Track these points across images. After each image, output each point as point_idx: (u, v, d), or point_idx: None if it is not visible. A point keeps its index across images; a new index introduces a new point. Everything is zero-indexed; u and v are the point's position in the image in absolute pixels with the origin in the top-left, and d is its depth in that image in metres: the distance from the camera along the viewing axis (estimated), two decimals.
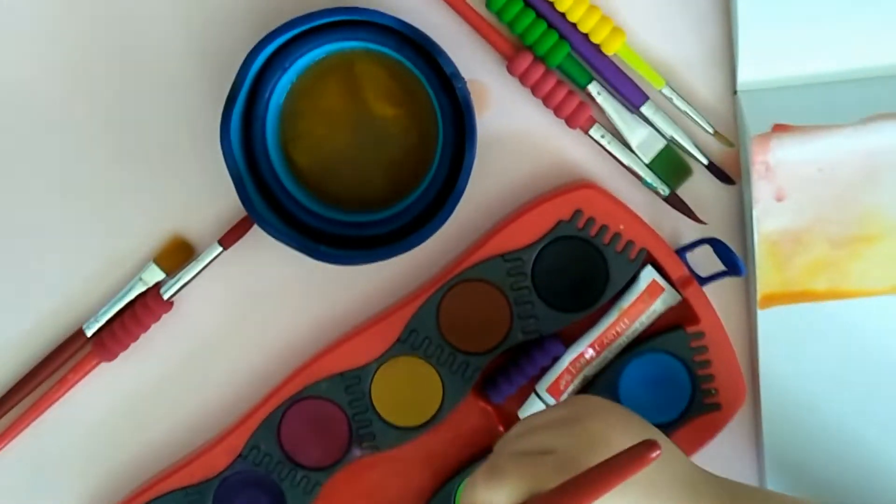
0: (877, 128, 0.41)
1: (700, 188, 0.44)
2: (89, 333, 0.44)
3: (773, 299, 0.43)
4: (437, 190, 0.42)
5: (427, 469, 0.45)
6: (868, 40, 0.42)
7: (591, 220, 0.43)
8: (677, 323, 0.43)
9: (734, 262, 0.42)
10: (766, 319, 0.43)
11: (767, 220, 0.42)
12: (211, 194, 0.44)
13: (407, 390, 0.43)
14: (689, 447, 0.43)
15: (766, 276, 0.43)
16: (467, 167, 0.41)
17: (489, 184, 0.44)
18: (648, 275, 0.43)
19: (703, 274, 0.44)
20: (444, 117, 0.42)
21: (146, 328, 0.44)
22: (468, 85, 0.42)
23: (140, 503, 0.44)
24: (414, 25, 0.40)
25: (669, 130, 0.43)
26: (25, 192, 0.45)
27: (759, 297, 0.43)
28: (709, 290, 0.44)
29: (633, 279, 0.43)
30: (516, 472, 0.35)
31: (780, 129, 0.41)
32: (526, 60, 0.43)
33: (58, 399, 0.45)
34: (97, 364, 0.45)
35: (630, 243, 0.43)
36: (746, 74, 0.42)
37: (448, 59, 0.40)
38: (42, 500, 0.46)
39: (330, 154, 0.43)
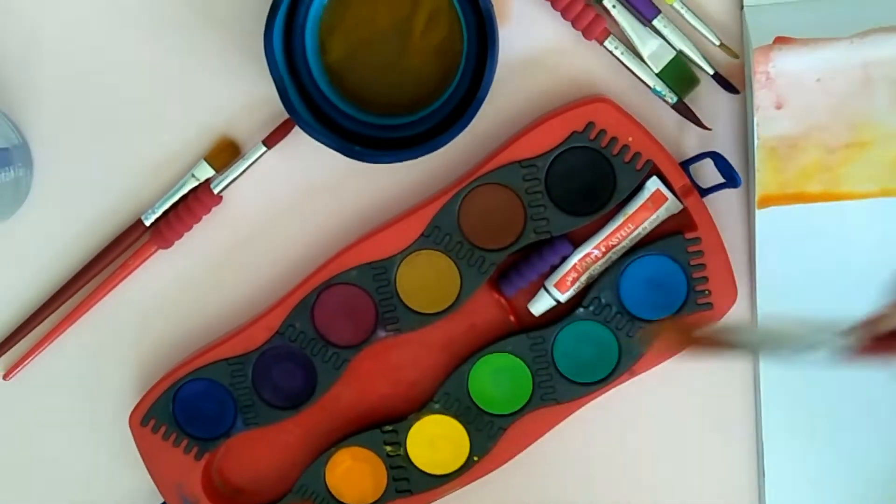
0: (872, 41, 0.43)
1: (707, 97, 0.47)
2: (147, 223, 0.49)
3: (771, 200, 0.46)
4: (461, 97, 0.46)
5: (444, 353, 0.49)
6: None
7: (602, 133, 0.46)
8: (678, 229, 0.47)
9: (731, 174, 0.46)
10: (764, 220, 0.46)
11: (767, 127, 0.45)
12: (257, 98, 0.48)
13: (428, 280, 0.48)
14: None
15: (765, 179, 0.46)
16: (489, 76, 0.44)
17: (510, 94, 0.48)
18: (653, 184, 0.47)
19: (707, 184, 0.47)
20: (468, 28, 0.45)
21: (198, 219, 0.49)
22: None
23: (189, 370, 0.49)
24: None
25: (678, 42, 0.46)
26: (88, 95, 0.49)
27: (757, 197, 0.46)
28: (715, 198, 0.47)
29: (639, 188, 0.47)
30: None
31: (781, 41, 0.44)
32: None
33: (119, 282, 0.50)
34: (155, 251, 0.50)
35: (637, 155, 0.46)
36: None
37: None
38: (102, 374, 0.52)
39: (364, 62, 0.47)
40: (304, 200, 0.49)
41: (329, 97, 0.47)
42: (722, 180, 0.46)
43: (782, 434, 0.49)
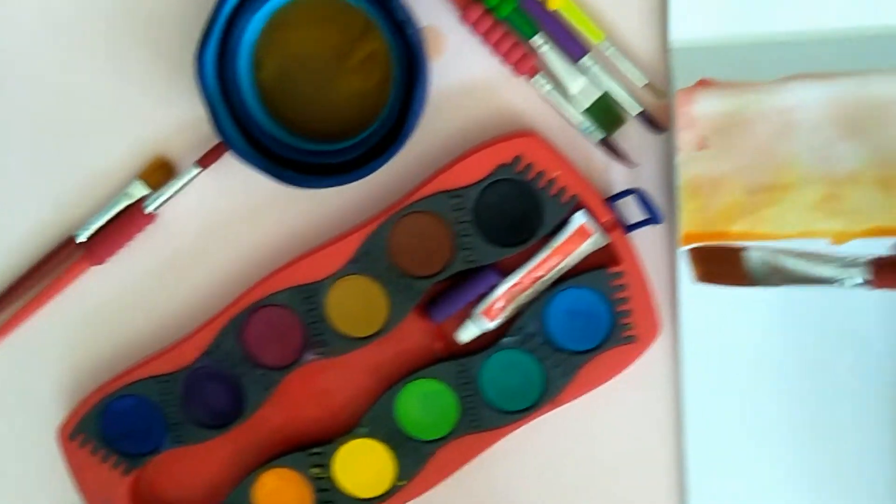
0: (793, 87, 0.44)
1: (634, 135, 0.48)
2: (80, 240, 0.50)
3: (694, 238, 0.47)
4: (391, 127, 0.47)
5: (373, 377, 0.50)
6: (788, 6, 0.45)
7: (529, 166, 0.47)
8: (603, 263, 0.48)
9: (653, 211, 0.47)
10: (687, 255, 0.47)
11: (689, 166, 0.46)
12: (193, 118, 0.49)
13: (357, 305, 0.48)
14: (606, 373, 0.48)
15: (688, 217, 0.46)
16: (415, 108, 0.45)
17: (442, 125, 0.48)
18: (580, 218, 0.47)
19: (634, 220, 0.48)
20: (400, 60, 0.46)
21: (131, 237, 0.50)
22: (425, 31, 0.46)
23: (119, 386, 0.49)
24: None
25: (605, 81, 0.47)
26: (23, 111, 0.49)
27: (680, 235, 0.47)
28: (643, 234, 0.48)
29: (566, 221, 0.47)
30: None
31: (704, 83, 0.45)
32: (477, 11, 0.47)
33: (50, 298, 0.50)
34: (87, 268, 0.50)
35: (563, 189, 0.47)
36: (678, 33, 0.46)
37: (400, 5, 0.44)
38: (32, 388, 0.52)
39: (297, 87, 0.47)
40: (238, 221, 0.50)
41: (261, 122, 0.48)
42: (646, 217, 0.47)
43: (705, 464, 0.50)
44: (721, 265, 0.46)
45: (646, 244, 0.48)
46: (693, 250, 0.46)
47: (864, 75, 0.44)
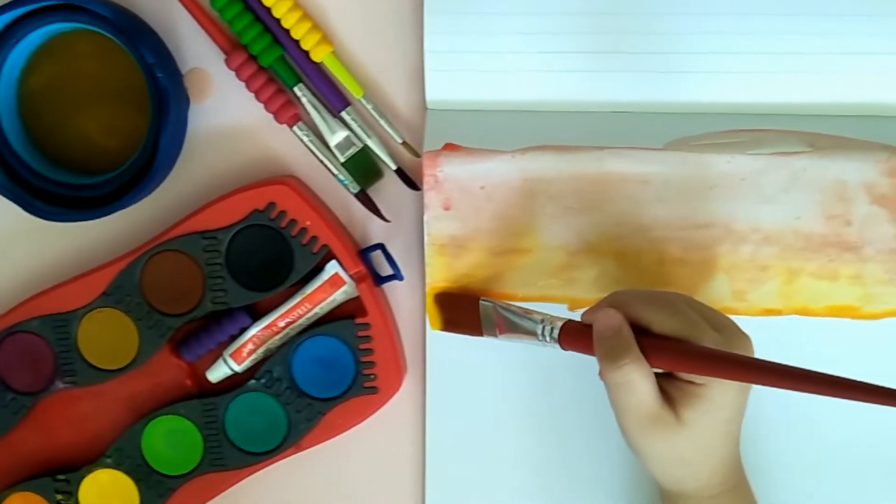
0: (532, 157, 0.45)
1: (393, 190, 0.49)
2: None
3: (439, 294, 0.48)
4: (146, 164, 0.47)
5: (128, 408, 0.50)
6: (535, 77, 0.46)
7: (282, 213, 0.47)
8: (353, 313, 0.48)
9: (395, 267, 0.47)
10: (433, 310, 0.47)
11: (436, 226, 0.47)
12: None
13: (108, 337, 0.48)
14: (347, 421, 0.48)
15: (434, 274, 0.47)
16: (163, 149, 0.45)
17: (205, 166, 0.49)
18: (332, 268, 0.48)
19: (388, 272, 0.48)
20: (154, 99, 0.46)
21: None
22: (193, 72, 0.47)
23: None
24: (128, 14, 0.45)
25: (364, 136, 0.48)
26: None
27: (426, 290, 0.48)
28: (397, 287, 0.49)
29: (319, 269, 0.48)
30: (686, 314, 0.40)
31: (449, 147, 0.46)
32: (240, 57, 0.47)
33: None
34: None
35: (314, 238, 0.47)
36: (433, 94, 0.47)
37: (150, 49, 0.44)
38: None
39: (58, 119, 0.47)
40: None
41: (19, 151, 0.47)
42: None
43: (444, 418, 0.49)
44: (459, 313, 0.47)
45: (401, 296, 0.49)
46: (436, 297, 0.47)
47: (600, 150, 0.45)
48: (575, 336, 0.42)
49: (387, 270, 0.48)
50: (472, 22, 0.45)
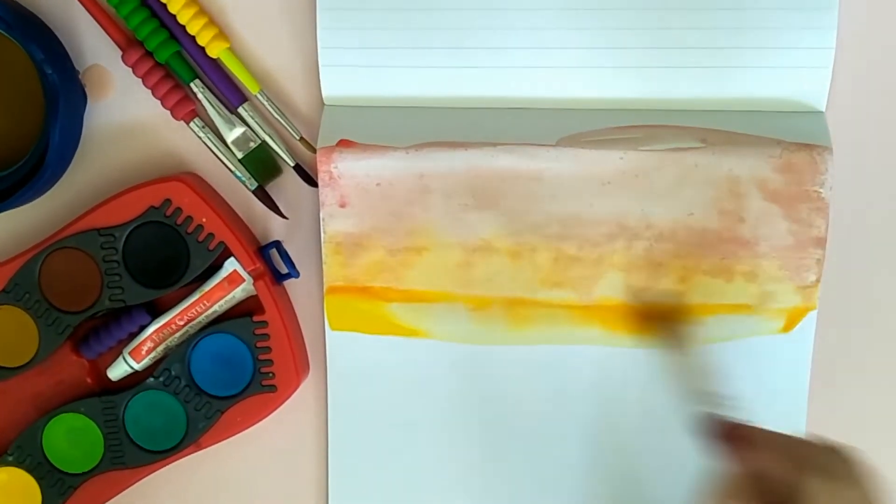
0: (427, 154, 0.45)
1: (293, 187, 0.48)
2: None
3: (338, 291, 0.47)
4: (38, 162, 0.47)
5: (31, 406, 0.50)
6: (431, 74, 0.45)
7: (178, 210, 0.47)
8: (251, 310, 0.48)
9: (290, 265, 0.47)
10: (331, 309, 0.47)
11: (332, 223, 0.46)
12: None
13: (8, 335, 0.48)
14: (246, 419, 0.48)
15: (332, 272, 0.47)
16: (53, 146, 0.45)
17: (104, 163, 0.49)
18: (231, 265, 0.47)
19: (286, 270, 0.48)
20: (48, 96, 0.46)
21: None
22: (92, 69, 0.46)
23: None
24: (20, 11, 0.44)
25: (262, 132, 0.47)
26: None
27: (324, 288, 0.47)
28: (298, 284, 0.48)
29: (219, 267, 0.48)
30: None
31: (343, 143, 0.45)
32: (136, 53, 0.47)
33: None
34: None
35: (211, 235, 0.47)
36: (329, 90, 0.46)
37: (40, 46, 0.44)
38: None
39: None
40: None
41: None
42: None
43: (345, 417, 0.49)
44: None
45: (302, 294, 0.49)
46: (328, 296, 0.47)
47: (493, 147, 0.44)
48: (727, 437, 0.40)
49: (286, 268, 0.48)
50: (365, 17, 0.45)
